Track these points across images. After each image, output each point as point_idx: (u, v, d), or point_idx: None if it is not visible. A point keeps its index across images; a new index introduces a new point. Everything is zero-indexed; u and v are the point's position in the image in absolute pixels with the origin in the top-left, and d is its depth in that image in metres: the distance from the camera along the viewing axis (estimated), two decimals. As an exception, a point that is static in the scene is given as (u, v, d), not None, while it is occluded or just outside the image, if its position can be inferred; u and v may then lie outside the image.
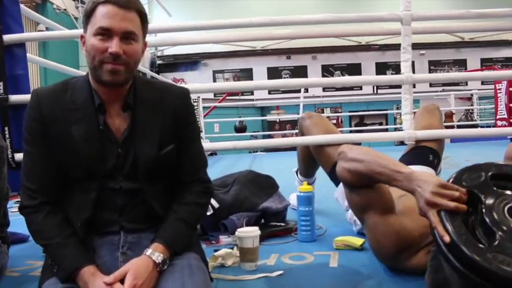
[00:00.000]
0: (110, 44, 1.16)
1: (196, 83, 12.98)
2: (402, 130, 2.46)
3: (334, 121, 13.37)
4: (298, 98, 8.68)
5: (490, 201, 1.14)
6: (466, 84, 14.55)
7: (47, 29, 5.66)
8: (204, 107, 8.02)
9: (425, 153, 2.17)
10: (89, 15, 1.19)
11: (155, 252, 1.16)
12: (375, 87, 14.09)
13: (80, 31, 1.34)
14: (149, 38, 2.90)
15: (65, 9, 10.51)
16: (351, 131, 11.42)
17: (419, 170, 1.59)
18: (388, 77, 6.03)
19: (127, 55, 1.18)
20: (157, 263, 1.15)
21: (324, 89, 14.17)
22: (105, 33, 1.17)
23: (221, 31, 3.15)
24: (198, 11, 14.07)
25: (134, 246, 1.24)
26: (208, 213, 2.01)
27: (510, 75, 7.13)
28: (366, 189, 1.50)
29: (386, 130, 12.02)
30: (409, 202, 1.51)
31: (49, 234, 1.19)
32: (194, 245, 1.32)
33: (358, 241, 1.80)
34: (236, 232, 1.64)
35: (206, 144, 4.33)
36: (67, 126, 1.22)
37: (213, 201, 2.03)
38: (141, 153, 1.24)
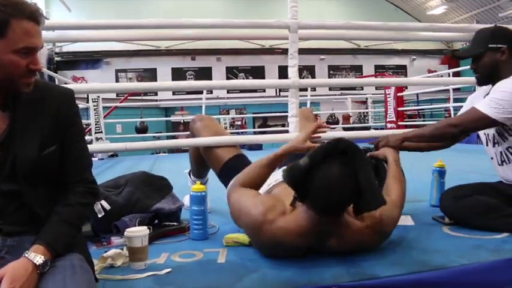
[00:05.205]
0: (30, 60, 1.18)
1: (98, 82, 12.55)
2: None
3: (239, 122, 13.61)
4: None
5: None
6: (362, 89, 15.47)
7: None
8: (104, 107, 7.78)
9: None
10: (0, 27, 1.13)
11: (35, 254, 1.14)
12: (277, 90, 14.50)
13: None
14: (47, 34, 2.75)
15: None
16: (254, 132, 11.68)
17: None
18: (277, 81, 6.32)
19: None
20: (38, 265, 1.13)
21: (229, 91, 14.34)
22: (28, 51, 1.17)
23: (124, 29, 3.12)
24: (98, 6, 13.59)
25: (14, 250, 1.21)
26: (99, 215, 1.99)
27: (398, 82, 7.75)
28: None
29: (287, 131, 12.40)
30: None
31: None
32: (78, 245, 1.30)
33: (247, 238, 1.86)
34: (125, 232, 1.65)
35: (94, 146, 4.24)
36: None
37: (104, 203, 2.01)
38: (21, 154, 1.22)
